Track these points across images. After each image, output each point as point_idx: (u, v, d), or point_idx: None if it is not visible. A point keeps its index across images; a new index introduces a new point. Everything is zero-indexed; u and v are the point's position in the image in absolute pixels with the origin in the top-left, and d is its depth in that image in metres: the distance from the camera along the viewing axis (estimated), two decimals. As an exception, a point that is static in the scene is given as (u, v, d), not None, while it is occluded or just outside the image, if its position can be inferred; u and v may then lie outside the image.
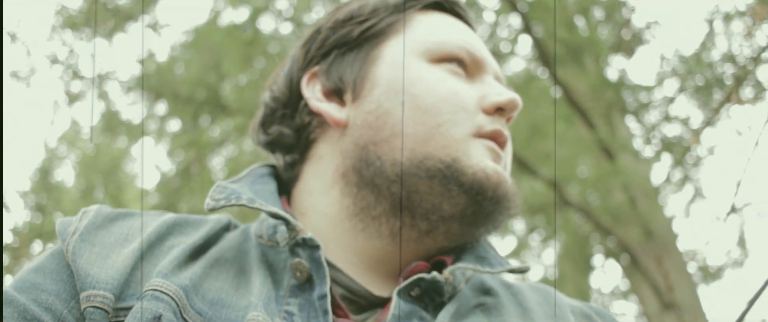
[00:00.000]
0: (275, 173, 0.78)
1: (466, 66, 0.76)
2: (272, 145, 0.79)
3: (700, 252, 4.61)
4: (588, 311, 0.79)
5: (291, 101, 0.78)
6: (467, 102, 0.72)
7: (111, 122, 4.35)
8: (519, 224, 5.69)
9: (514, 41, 4.24)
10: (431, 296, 0.69)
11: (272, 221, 0.73)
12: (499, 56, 4.39)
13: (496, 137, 0.72)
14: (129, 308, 0.60)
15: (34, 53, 4.00)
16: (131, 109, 4.35)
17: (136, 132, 4.50)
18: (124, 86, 4.14)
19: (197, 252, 0.68)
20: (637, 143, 4.10)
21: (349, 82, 0.75)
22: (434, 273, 0.69)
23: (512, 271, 0.74)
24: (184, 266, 0.65)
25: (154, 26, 4.11)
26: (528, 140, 3.89)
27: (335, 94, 0.76)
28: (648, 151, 4.03)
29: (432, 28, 0.77)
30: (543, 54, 3.60)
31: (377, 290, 0.71)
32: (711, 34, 2.80)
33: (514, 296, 0.76)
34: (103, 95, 4.22)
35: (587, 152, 4.05)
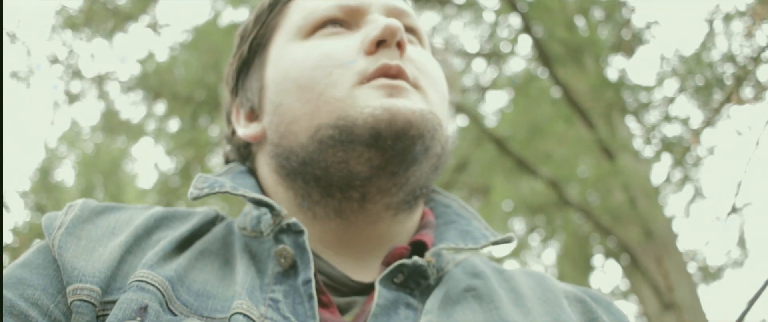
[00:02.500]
0: (253, 172, 0.80)
1: (344, 21, 0.75)
2: (229, 163, 0.83)
3: (700, 252, 4.61)
4: (582, 295, 0.78)
5: (232, 135, 0.82)
6: (341, 57, 0.70)
7: (111, 122, 4.35)
8: (519, 224, 5.70)
9: (514, 41, 4.24)
10: (416, 281, 0.68)
11: (255, 212, 0.74)
12: (499, 56, 4.39)
13: (383, 73, 0.69)
14: (116, 302, 0.60)
15: (34, 53, 4.00)
16: (131, 109, 4.35)
17: (136, 132, 4.50)
18: (123, 86, 4.14)
19: (183, 244, 0.69)
20: (637, 143, 4.10)
21: (253, 99, 0.78)
22: (415, 258, 0.68)
23: (496, 243, 0.72)
24: (170, 258, 0.65)
25: (153, 26, 4.11)
26: (528, 140, 3.89)
27: (253, 113, 0.78)
28: (648, 151, 4.02)
29: (302, 5, 0.77)
30: (543, 54, 3.60)
31: (356, 274, 0.70)
32: (711, 34, 2.80)
33: (507, 281, 0.75)
34: (103, 95, 4.22)
35: (587, 152, 4.05)
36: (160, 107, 4.37)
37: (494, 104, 4.77)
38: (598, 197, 4.06)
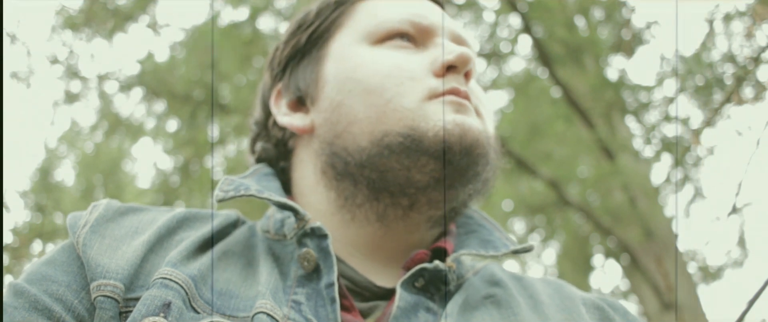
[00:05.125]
0: (277, 174, 0.80)
1: (413, 37, 0.76)
2: (261, 161, 0.82)
3: (700, 252, 4.61)
4: (600, 303, 0.79)
5: (266, 120, 0.82)
6: (414, 71, 0.72)
7: (111, 122, 4.35)
8: (519, 224, 5.69)
9: (514, 41, 4.24)
10: (437, 286, 0.69)
11: (279, 215, 0.74)
12: (499, 56, 4.39)
13: (453, 93, 0.71)
14: (139, 299, 0.60)
15: (34, 53, 4.00)
16: (131, 108, 4.35)
17: (136, 132, 4.50)
18: (123, 86, 4.14)
19: (206, 245, 0.69)
20: (637, 143, 4.10)
21: (304, 89, 0.77)
22: (436, 262, 0.69)
23: (516, 251, 0.73)
24: (193, 258, 0.66)
25: (153, 26, 4.11)
26: (528, 140, 3.89)
27: (299, 103, 0.78)
28: (648, 152, 4.02)
29: (372, 11, 0.78)
30: (543, 54, 3.60)
31: (380, 280, 0.71)
32: (711, 34, 2.80)
33: (525, 289, 0.76)
34: (102, 95, 4.22)
35: (587, 152, 4.05)
36: (160, 106, 4.37)
37: (494, 104, 4.77)
38: (598, 197, 4.06)
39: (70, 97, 4.19)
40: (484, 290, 0.73)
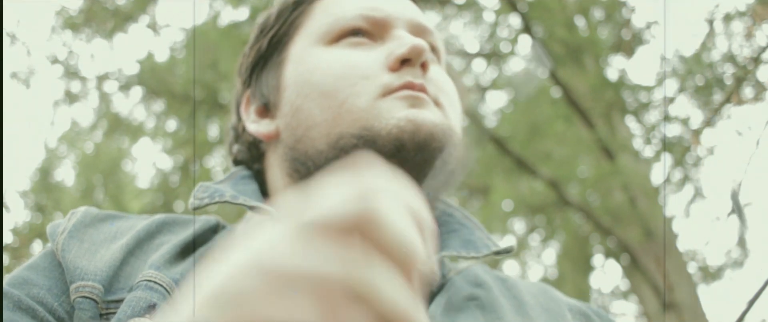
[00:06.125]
0: (255, 176, 0.80)
1: (369, 32, 0.75)
2: (237, 162, 0.82)
3: (700, 252, 4.60)
4: (586, 310, 0.78)
5: (239, 125, 0.82)
6: (367, 69, 0.70)
7: (111, 122, 4.35)
8: (519, 224, 5.69)
9: (514, 41, 4.24)
10: None
11: (256, 218, 0.74)
12: (499, 56, 4.39)
13: (407, 87, 0.69)
14: (119, 300, 0.61)
15: (34, 53, 4.00)
16: (131, 108, 4.35)
17: (135, 132, 4.50)
18: (123, 86, 4.14)
19: (187, 250, 0.69)
20: (637, 143, 4.10)
21: (268, 95, 0.77)
22: None
23: (498, 253, 0.73)
24: (175, 262, 0.66)
25: (153, 26, 4.11)
26: (528, 140, 3.89)
27: (266, 109, 0.78)
28: (648, 152, 4.02)
29: (327, 9, 0.77)
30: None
31: None
32: (711, 34, 2.80)
33: (509, 290, 0.76)
34: (102, 95, 4.22)
35: (587, 152, 4.05)
36: (159, 106, 4.37)
37: (494, 104, 4.78)
38: (598, 197, 4.05)
39: (70, 97, 4.19)
40: (466, 291, 0.73)
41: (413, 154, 0.67)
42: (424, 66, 0.71)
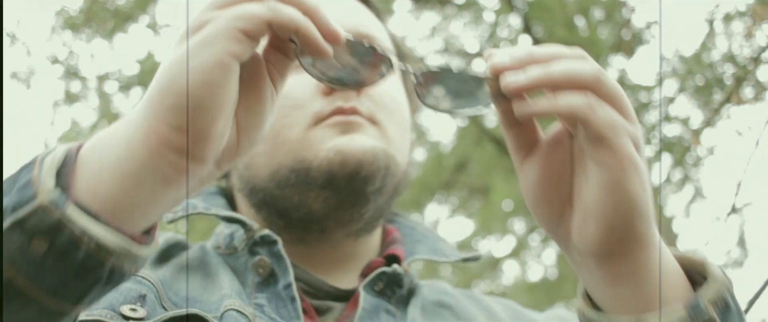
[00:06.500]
0: (223, 192, 0.82)
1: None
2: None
3: (700, 252, 4.60)
4: (561, 312, 0.81)
5: None
6: (300, 97, 0.71)
7: (111, 122, 4.35)
8: (519, 224, 5.70)
9: (514, 41, 4.24)
10: (393, 289, 0.71)
11: (227, 230, 0.75)
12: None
13: (338, 113, 0.70)
14: None
15: (34, 53, 4.00)
16: (131, 108, 4.34)
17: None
18: (123, 86, 4.14)
19: (163, 258, 0.71)
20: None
21: None
22: (395, 266, 0.71)
23: (466, 259, 0.76)
24: (154, 267, 0.68)
25: (153, 26, 4.11)
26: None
27: None
28: (648, 152, 4.02)
29: None
30: (543, 54, 3.59)
31: (333, 281, 0.73)
32: (711, 34, 2.80)
33: (477, 303, 0.78)
34: (102, 95, 4.22)
35: (587, 152, 4.05)
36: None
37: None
38: (598, 197, 4.04)
39: (70, 98, 4.19)
40: (436, 297, 0.75)
41: (344, 185, 0.69)
42: (359, 91, 0.72)
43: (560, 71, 0.51)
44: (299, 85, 0.71)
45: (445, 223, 5.80)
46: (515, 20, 4.01)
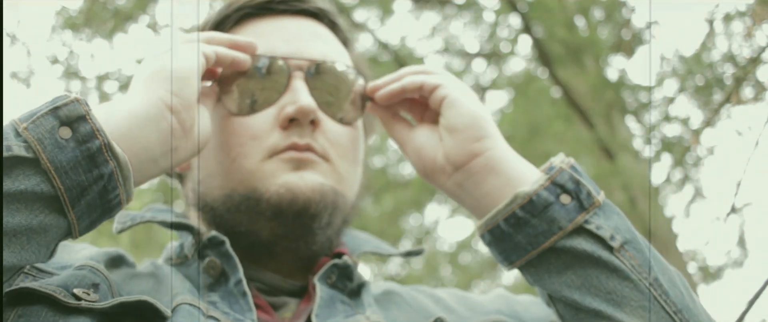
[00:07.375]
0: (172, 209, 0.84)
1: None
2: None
3: (700, 252, 4.61)
4: (504, 293, 0.86)
5: None
6: (257, 129, 0.73)
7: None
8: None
9: (514, 41, 4.24)
10: (344, 282, 0.74)
11: (176, 242, 0.78)
12: (499, 56, 4.39)
13: (292, 149, 0.72)
14: (48, 273, 0.63)
15: (34, 53, 4.00)
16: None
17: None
18: (123, 86, 4.14)
19: (114, 264, 0.72)
20: (637, 143, 4.10)
21: None
22: (345, 257, 0.74)
23: (409, 254, 0.81)
24: (108, 269, 0.68)
25: (153, 26, 4.11)
26: (528, 140, 3.89)
27: None
28: (648, 152, 4.02)
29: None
30: (543, 54, 3.60)
31: (287, 277, 0.75)
32: (711, 34, 2.80)
33: (422, 292, 0.82)
34: (102, 95, 4.22)
35: (587, 152, 4.05)
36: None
37: (494, 104, 4.78)
38: (598, 197, 4.04)
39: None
40: (383, 289, 0.79)
41: (292, 220, 0.71)
42: (313, 123, 0.74)
43: (405, 73, 0.77)
44: (260, 118, 0.73)
45: (445, 223, 5.80)
46: (515, 20, 4.01)
